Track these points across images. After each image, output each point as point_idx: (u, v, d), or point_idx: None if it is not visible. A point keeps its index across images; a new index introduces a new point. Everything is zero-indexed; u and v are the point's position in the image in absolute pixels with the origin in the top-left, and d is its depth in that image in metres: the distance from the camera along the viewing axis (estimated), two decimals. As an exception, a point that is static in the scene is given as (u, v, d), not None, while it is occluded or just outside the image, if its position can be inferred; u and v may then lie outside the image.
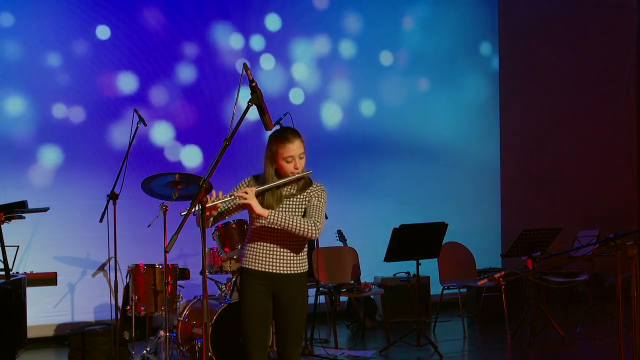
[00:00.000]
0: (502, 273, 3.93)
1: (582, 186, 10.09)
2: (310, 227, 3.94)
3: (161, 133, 7.90)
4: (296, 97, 8.51)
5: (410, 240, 6.76)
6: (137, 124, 6.18)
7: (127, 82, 7.80)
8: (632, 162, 10.61)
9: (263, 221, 3.96)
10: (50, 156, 7.49)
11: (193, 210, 3.70)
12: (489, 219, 9.51)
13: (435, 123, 9.27)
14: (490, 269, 8.63)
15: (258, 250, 4.05)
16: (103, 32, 7.69)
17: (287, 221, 3.91)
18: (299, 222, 3.93)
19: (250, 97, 3.83)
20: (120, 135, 7.66)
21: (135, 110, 6.21)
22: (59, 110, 7.54)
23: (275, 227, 3.95)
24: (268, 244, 4.03)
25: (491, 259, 8.94)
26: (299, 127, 4.30)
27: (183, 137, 7.98)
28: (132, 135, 6.12)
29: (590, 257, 7.62)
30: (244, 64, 3.84)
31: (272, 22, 8.45)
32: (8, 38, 7.40)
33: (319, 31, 8.69)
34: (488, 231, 9.43)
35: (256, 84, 3.83)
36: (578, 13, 10.23)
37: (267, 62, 8.42)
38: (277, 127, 6.40)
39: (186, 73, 8.04)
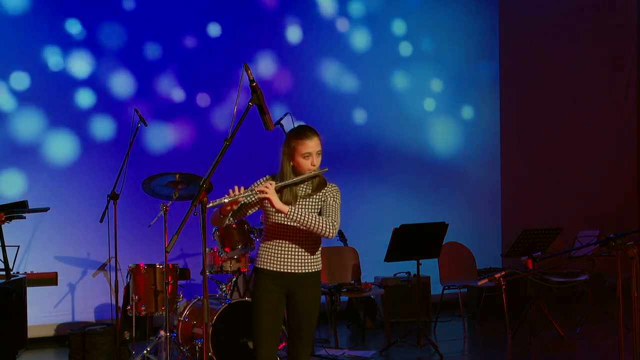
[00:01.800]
0: (503, 273, 3.93)
1: (582, 186, 10.09)
2: (328, 226, 3.95)
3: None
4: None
5: (411, 240, 6.76)
6: (138, 124, 6.18)
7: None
8: (632, 162, 10.61)
9: (280, 218, 3.98)
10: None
11: (193, 210, 3.70)
12: (489, 219, 9.50)
13: (435, 123, 9.27)
14: (490, 269, 8.63)
15: (273, 250, 4.06)
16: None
17: (306, 218, 3.91)
18: (317, 220, 3.94)
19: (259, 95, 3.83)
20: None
21: (136, 110, 6.22)
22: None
23: (294, 223, 3.95)
24: (283, 243, 4.04)
25: (491, 259, 8.94)
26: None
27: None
28: (132, 135, 6.12)
29: (590, 257, 7.62)
30: (245, 63, 3.84)
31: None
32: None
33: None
34: (488, 231, 9.43)
35: (257, 84, 3.82)
36: (578, 13, 10.23)
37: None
38: (278, 127, 6.45)
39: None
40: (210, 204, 3.83)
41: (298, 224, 3.95)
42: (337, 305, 7.26)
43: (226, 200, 3.88)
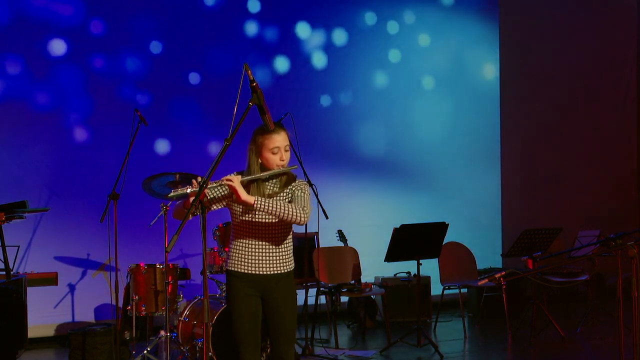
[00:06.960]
0: (503, 273, 3.92)
1: (582, 186, 10.09)
2: (298, 211, 3.89)
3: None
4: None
5: (411, 240, 6.76)
6: (138, 124, 6.18)
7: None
8: (632, 162, 10.60)
9: (247, 217, 3.94)
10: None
11: (192, 210, 3.69)
12: (489, 219, 9.49)
13: (435, 123, 9.27)
14: (490, 269, 8.62)
15: (243, 252, 4.00)
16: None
17: (274, 206, 3.85)
18: (286, 206, 3.87)
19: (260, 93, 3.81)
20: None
21: (136, 110, 6.20)
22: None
23: (264, 213, 3.89)
24: (252, 244, 3.99)
25: (492, 259, 8.93)
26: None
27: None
28: (132, 135, 6.12)
29: (590, 257, 7.61)
30: (245, 63, 3.81)
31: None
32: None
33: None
34: (488, 231, 9.42)
35: (257, 84, 3.80)
36: (578, 13, 10.22)
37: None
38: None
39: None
40: (172, 194, 3.77)
41: (267, 213, 3.88)
42: (337, 305, 7.26)
43: (189, 191, 3.75)
